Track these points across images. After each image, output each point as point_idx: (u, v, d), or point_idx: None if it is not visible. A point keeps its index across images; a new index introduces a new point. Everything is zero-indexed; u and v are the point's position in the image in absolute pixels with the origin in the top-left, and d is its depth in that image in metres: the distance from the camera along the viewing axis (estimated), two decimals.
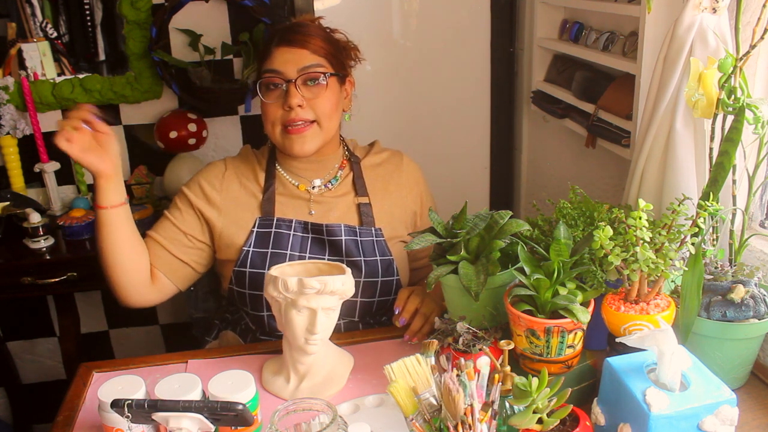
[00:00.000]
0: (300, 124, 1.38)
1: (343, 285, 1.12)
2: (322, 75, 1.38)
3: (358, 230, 1.45)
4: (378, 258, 1.45)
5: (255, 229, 1.43)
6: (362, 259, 1.43)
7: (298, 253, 1.43)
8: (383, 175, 1.55)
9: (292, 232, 1.44)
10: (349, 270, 1.16)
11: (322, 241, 1.44)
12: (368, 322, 1.48)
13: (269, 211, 1.45)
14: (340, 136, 1.54)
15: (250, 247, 1.42)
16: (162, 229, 1.45)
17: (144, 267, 1.40)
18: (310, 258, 1.42)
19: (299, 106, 1.36)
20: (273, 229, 1.43)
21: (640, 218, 1.00)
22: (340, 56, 1.45)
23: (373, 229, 1.47)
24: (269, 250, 1.42)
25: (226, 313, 1.56)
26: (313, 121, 1.39)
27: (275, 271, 1.16)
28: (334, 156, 1.51)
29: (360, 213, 1.48)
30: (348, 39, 1.51)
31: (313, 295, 1.10)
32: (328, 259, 1.41)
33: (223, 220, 1.45)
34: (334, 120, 1.44)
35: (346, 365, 1.24)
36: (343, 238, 1.43)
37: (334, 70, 1.41)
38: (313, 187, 1.49)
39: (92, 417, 1.16)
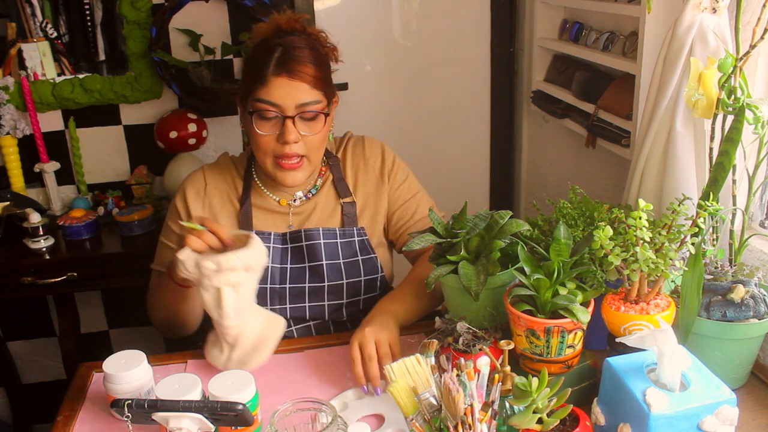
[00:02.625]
0: (294, 160, 1.35)
1: (241, 260, 1.11)
2: (322, 114, 1.35)
3: (338, 232, 1.44)
4: (360, 258, 1.44)
5: None
6: (341, 261, 1.42)
7: (279, 266, 1.42)
8: (354, 166, 1.52)
9: (271, 245, 1.43)
10: (255, 240, 1.15)
11: (301, 249, 1.43)
12: (358, 318, 1.48)
13: (246, 225, 1.44)
14: None
15: None
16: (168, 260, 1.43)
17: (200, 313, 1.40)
18: (291, 269, 1.42)
19: (295, 142, 1.33)
20: None
21: (640, 218, 1.00)
22: (330, 77, 1.41)
23: (355, 229, 1.46)
24: None
25: None
26: (303, 156, 1.36)
27: (181, 254, 1.14)
28: (316, 170, 1.48)
29: (343, 214, 1.47)
30: (327, 37, 1.45)
31: (213, 274, 1.11)
32: (309, 267, 1.42)
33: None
34: (321, 150, 1.41)
35: (275, 329, 1.24)
36: (322, 241, 1.42)
37: (328, 101, 1.37)
38: (295, 200, 1.47)
39: (92, 417, 1.16)
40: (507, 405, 0.93)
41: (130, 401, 0.98)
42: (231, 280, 1.12)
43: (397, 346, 1.23)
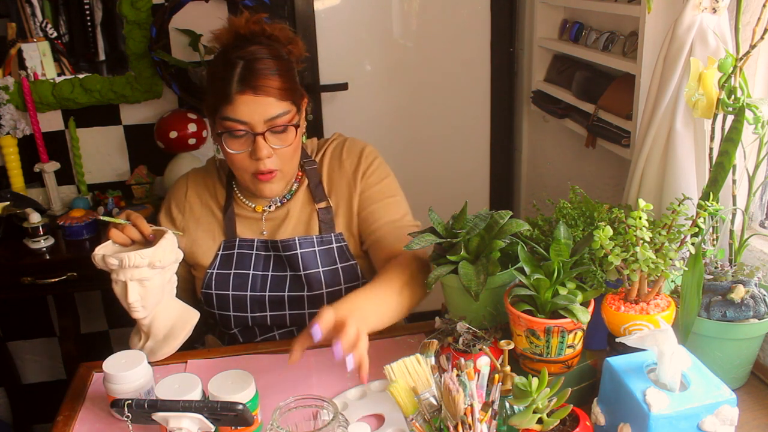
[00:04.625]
0: (269, 174, 1.33)
1: (143, 258, 1.15)
2: (292, 126, 1.31)
3: (315, 240, 1.41)
4: (339, 266, 1.42)
5: (220, 252, 1.43)
6: (320, 270, 1.40)
7: (261, 272, 1.41)
8: (330, 170, 1.47)
9: (254, 252, 1.42)
10: (165, 238, 1.19)
11: (282, 257, 1.42)
12: None
13: (231, 232, 1.43)
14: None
15: (214, 269, 1.42)
16: None
17: None
18: (272, 276, 1.41)
19: (268, 157, 1.31)
20: (236, 250, 1.42)
21: (640, 218, 1.00)
22: (296, 81, 1.36)
23: (333, 235, 1.42)
24: (232, 271, 1.41)
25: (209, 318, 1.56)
26: (277, 170, 1.34)
27: (97, 248, 1.20)
28: (291, 178, 1.44)
29: (320, 220, 1.43)
30: (288, 32, 1.38)
31: (120, 269, 1.16)
32: (290, 275, 1.41)
33: (186, 241, 1.44)
34: (295, 159, 1.37)
35: (186, 321, 1.29)
36: (299, 251, 1.39)
37: (297, 108, 1.34)
38: (270, 206, 1.44)
39: (92, 417, 1.16)
40: (507, 405, 0.93)
41: (130, 401, 0.98)
42: (136, 276, 1.17)
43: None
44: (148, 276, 1.18)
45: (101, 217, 1.29)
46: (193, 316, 1.31)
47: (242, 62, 1.28)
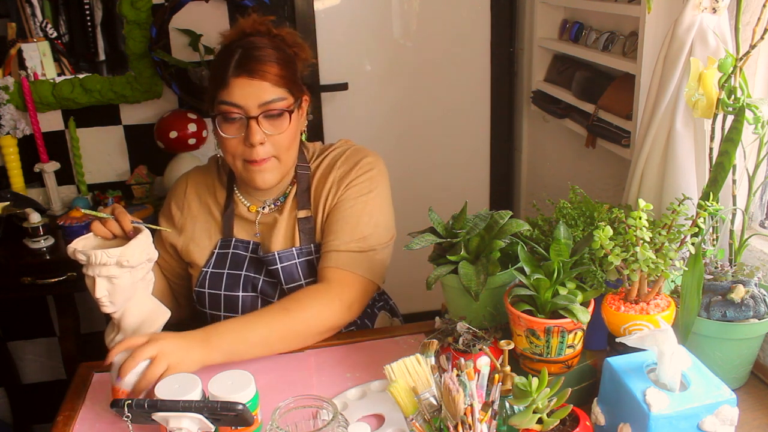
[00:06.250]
0: (261, 161, 1.32)
1: (110, 257, 1.15)
2: (286, 112, 1.31)
3: (295, 252, 1.40)
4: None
5: (216, 251, 1.43)
6: (303, 282, 1.39)
7: (253, 275, 1.41)
8: (322, 177, 1.44)
9: (249, 254, 1.42)
10: (137, 238, 1.18)
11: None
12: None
13: (229, 232, 1.43)
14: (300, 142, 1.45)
15: (209, 268, 1.42)
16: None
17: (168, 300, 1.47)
18: (263, 281, 1.41)
19: (261, 143, 1.30)
20: (231, 250, 1.42)
21: (640, 218, 1.00)
22: (297, 76, 1.36)
23: (313, 245, 1.41)
24: (225, 271, 1.41)
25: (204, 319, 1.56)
26: (273, 156, 1.33)
27: (76, 240, 1.20)
28: (288, 175, 1.43)
29: (299, 229, 1.41)
30: (296, 37, 1.40)
31: (88, 265, 1.17)
32: (281, 283, 1.40)
33: (183, 239, 1.45)
34: (293, 150, 1.37)
35: (156, 320, 1.28)
36: (279, 266, 1.38)
37: (294, 98, 1.33)
38: (263, 208, 1.44)
39: (92, 417, 1.16)
40: (507, 405, 0.93)
41: (130, 401, 0.98)
42: (104, 273, 1.17)
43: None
44: (116, 274, 1.18)
45: (83, 210, 1.28)
46: (163, 314, 1.30)
47: (241, 49, 1.30)
